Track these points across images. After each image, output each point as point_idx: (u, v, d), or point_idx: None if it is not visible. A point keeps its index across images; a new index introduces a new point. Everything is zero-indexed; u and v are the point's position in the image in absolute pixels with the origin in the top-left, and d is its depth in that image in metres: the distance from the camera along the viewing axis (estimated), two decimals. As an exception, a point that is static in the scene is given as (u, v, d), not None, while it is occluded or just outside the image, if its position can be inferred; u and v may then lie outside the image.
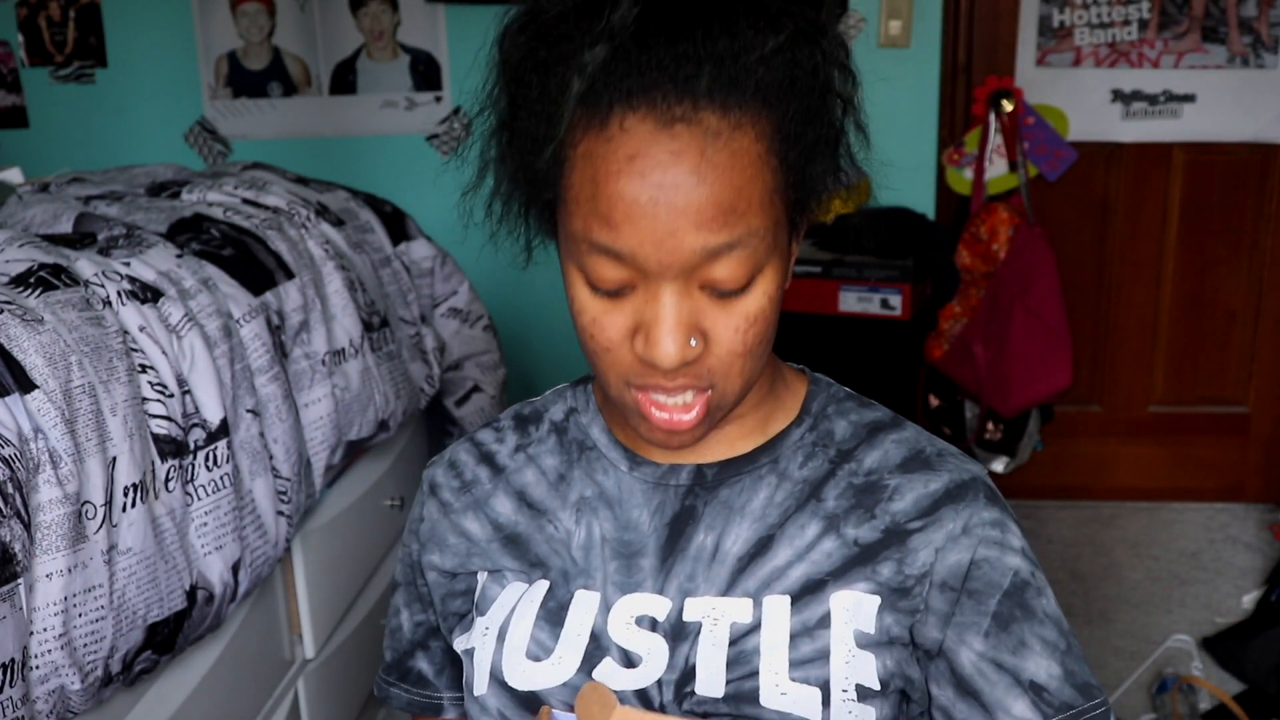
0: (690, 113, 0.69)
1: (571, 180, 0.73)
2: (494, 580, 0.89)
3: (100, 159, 2.89)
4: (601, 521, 0.87)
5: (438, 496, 0.94)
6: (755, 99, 0.71)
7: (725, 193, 0.70)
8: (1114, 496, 3.06)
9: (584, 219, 0.72)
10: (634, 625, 0.83)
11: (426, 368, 2.07)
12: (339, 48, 2.94)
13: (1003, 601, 0.82)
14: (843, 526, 0.83)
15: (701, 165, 0.69)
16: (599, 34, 0.70)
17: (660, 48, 0.69)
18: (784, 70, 0.72)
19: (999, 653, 0.82)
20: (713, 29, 0.70)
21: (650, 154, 0.69)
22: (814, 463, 0.86)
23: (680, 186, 0.69)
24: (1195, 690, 2.29)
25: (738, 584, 0.83)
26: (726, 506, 0.85)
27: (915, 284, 2.52)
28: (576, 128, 0.71)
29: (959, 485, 0.84)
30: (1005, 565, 0.82)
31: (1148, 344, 3.00)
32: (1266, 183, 2.87)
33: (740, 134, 0.70)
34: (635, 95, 0.69)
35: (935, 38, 2.77)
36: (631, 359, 0.76)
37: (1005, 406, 2.71)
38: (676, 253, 0.71)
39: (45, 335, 1.20)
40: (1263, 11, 2.72)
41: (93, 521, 1.20)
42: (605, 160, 0.70)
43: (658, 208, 0.69)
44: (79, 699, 1.20)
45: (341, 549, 1.85)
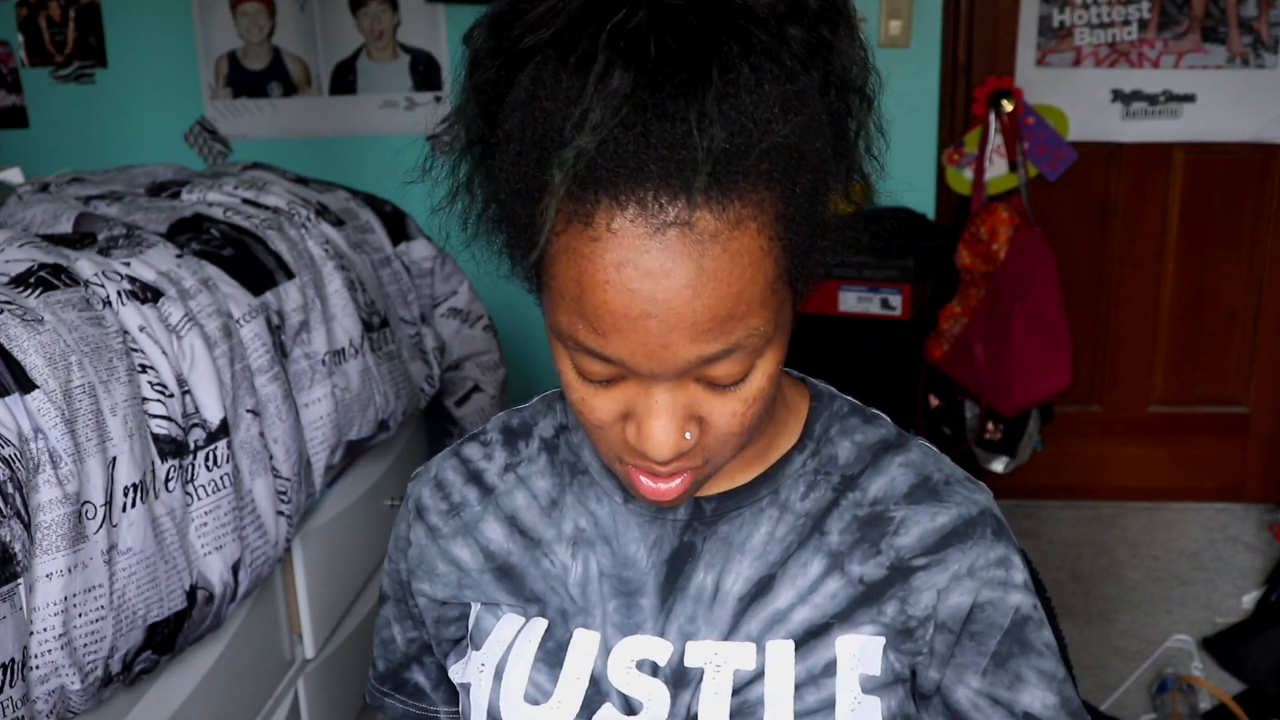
0: (684, 214, 0.61)
1: (555, 272, 0.66)
2: (488, 612, 0.86)
3: (100, 159, 2.90)
4: (599, 556, 0.83)
5: (425, 520, 0.89)
6: (758, 187, 0.63)
7: (723, 303, 0.63)
8: (1114, 496, 3.07)
9: (569, 318, 0.66)
10: (634, 669, 0.81)
11: (426, 368, 2.07)
12: (339, 48, 2.94)
13: (1003, 641, 0.80)
14: (847, 564, 0.80)
15: (697, 276, 0.62)
16: (583, 117, 0.61)
17: (654, 134, 0.61)
18: (792, 146, 0.64)
19: (995, 689, 0.81)
20: (710, 110, 0.61)
21: (640, 263, 0.62)
22: (816, 493, 0.82)
23: (673, 301, 0.62)
24: (1195, 690, 2.29)
25: (740, 627, 0.80)
26: (726, 543, 0.81)
27: (915, 284, 2.53)
28: (559, 216, 0.64)
29: (966, 522, 0.81)
30: (1007, 605, 0.80)
31: (1148, 344, 3.01)
32: (1266, 183, 2.87)
33: (740, 231, 0.63)
34: (623, 191, 0.61)
35: (935, 38, 2.77)
36: (623, 440, 0.71)
37: (1005, 406, 2.71)
38: (670, 362, 0.65)
39: (45, 335, 1.20)
40: (1263, 11, 2.72)
41: (93, 521, 1.20)
42: (591, 263, 0.63)
43: (649, 321, 0.63)
44: (79, 699, 1.20)
45: (341, 549, 1.85)
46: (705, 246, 0.62)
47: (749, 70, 0.62)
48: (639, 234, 0.62)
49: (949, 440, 2.82)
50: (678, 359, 0.65)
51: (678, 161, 0.61)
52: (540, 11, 0.64)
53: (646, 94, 0.61)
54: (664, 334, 0.64)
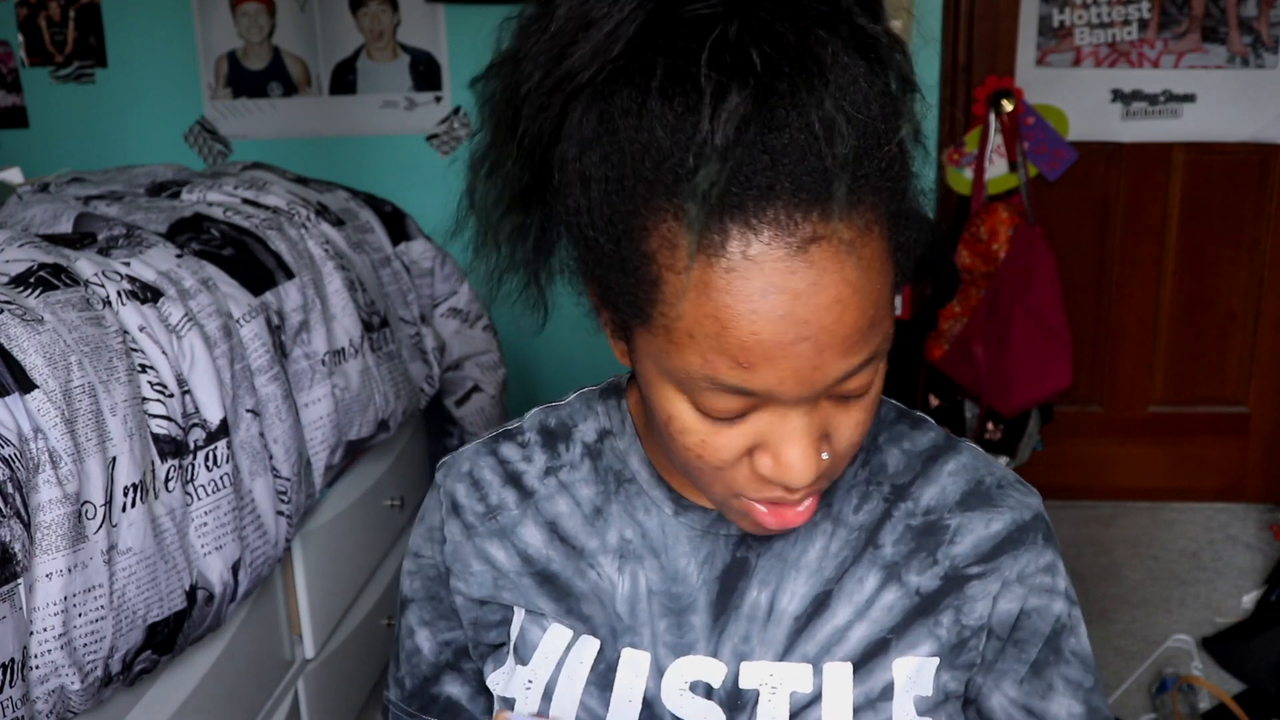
0: (822, 228, 0.58)
1: (681, 310, 0.61)
2: (533, 622, 0.82)
3: (100, 159, 2.90)
4: (647, 571, 0.79)
5: (460, 517, 0.84)
6: (880, 188, 0.61)
7: (866, 311, 0.61)
8: (1114, 496, 3.07)
9: (703, 358, 0.61)
10: (688, 692, 0.78)
11: (426, 368, 2.07)
12: (339, 48, 2.94)
13: (1043, 649, 0.80)
14: (904, 574, 0.78)
15: (844, 290, 0.59)
16: (704, 141, 0.57)
17: (778, 149, 0.57)
18: (902, 139, 0.62)
19: (1030, 698, 0.80)
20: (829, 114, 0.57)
21: (787, 286, 0.58)
22: (869, 505, 0.80)
23: (824, 320, 0.59)
24: (1195, 690, 2.29)
25: (795, 647, 0.77)
26: (780, 559, 0.78)
27: (915, 284, 2.52)
28: (677, 248, 0.60)
29: (1020, 528, 0.79)
30: (1051, 612, 0.80)
31: (1148, 344, 3.01)
32: (1266, 183, 2.87)
33: (869, 236, 0.60)
34: (753, 214, 0.58)
35: (935, 38, 2.77)
36: (748, 475, 0.67)
37: (1005, 406, 2.71)
38: (820, 384, 0.62)
39: (45, 335, 1.20)
40: (1263, 11, 2.72)
41: (93, 521, 1.20)
42: (730, 296, 0.59)
43: (803, 345, 0.60)
44: (79, 699, 1.20)
45: (341, 549, 1.85)
46: (845, 257, 0.59)
47: (846, 69, 0.60)
48: (779, 256, 0.58)
49: (949, 440, 2.82)
50: (827, 378, 0.62)
51: (809, 173, 0.58)
52: (596, 40, 0.61)
53: (764, 109, 0.58)
54: (817, 355, 0.61)
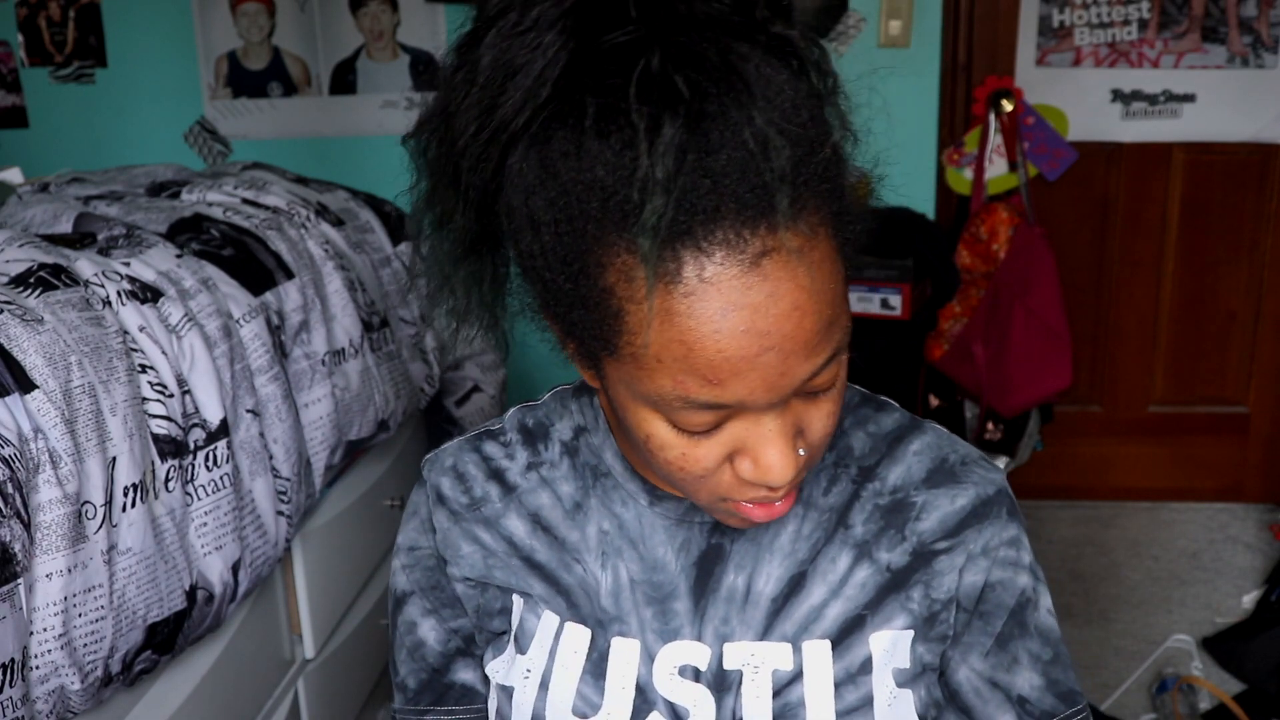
0: (771, 240, 0.60)
1: (647, 339, 0.62)
2: (531, 611, 0.84)
3: (100, 159, 2.90)
4: (627, 563, 0.82)
5: (446, 506, 0.87)
6: (820, 189, 0.62)
7: (823, 313, 0.63)
8: (1114, 496, 3.07)
9: (674, 379, 0.63)
10: (677, 676, 0.80)
11: (426, 368, 2.07)
12: (339, 48, 2.94)
13: (1007, 622, 0.82)
14: (875, 551, 0.81)
15: (799, 295, 0.61)
16: (647, 172, 0.58)
17: (718, 171, 0.59)
18: (834, 140, 0.64)
19: (995, 672, 0.82)
20: (761, 129, 0.59)
21: (745, 302, 0.60)
22: (838, 487, 0.82)
23: (786, 328, 0.61)
24: (1195, 690, 2.29)
25: (774, 627, 0.80)
26: (754, 543, 0.81)
27: (915, 284, 2.52)
28: (634, 280, 0.61)
29: (984, 502, 0.81)
30: (1015, 585, 0.82)
31: (1148, 344, 3.01)
32: (1266, 183, 2.87)
33: (817, 239, 0.62)
34: (703, 237, 0.59)
35: (935, 38, 2.77)
36: (731, 480, 0.69)
37: (1005, 406, 2.71)
38: (788, 388, 0.64)
39: (45, 335, 1.20)
40: (1263, 11, 2.72)
41: (93, 521, 1.20)
42: (693, 319, 0.60)
43: (769, 355, 0.61)
44: (79, 699, 1.20)
45: (341, 549, 1.85)
46: (796, 265, 0.61)
47: (770, 80, 0.61)
48: (733, 274, 0.60)
49: (949, 440, 2.82)
50: (795, 381, 0.64)
51: (750, 190, 0.59)
52: (524, 86, 0.62)
53: (696, 134, 0.59)
54: (782, 362, 0.62)
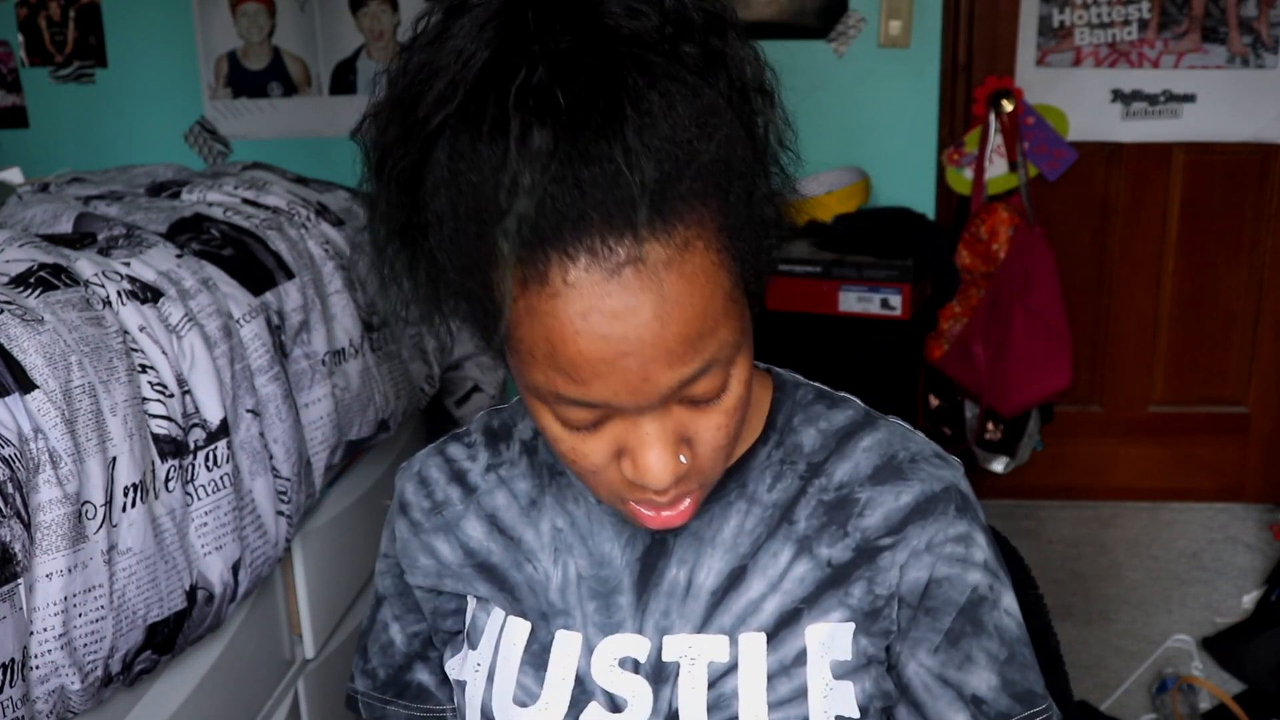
0: (634, 251, 0.62)
1: (521, 334, 0.66)
2: (481, 608, 0.88)
3: (100, 159, 2.89)
4: (576, 559, 0.85)
5: (408, 515, 0.92)
6: (695, 204, 0.64)
7: (690, 324, 0.64)
8: (1114, 496, 3.07)
9: (545, 375, 0.67)
10: (617, 668, 0.83)
11: (426, 368, 2.07)
12: (339, 48, 2.94)
13: (957, 619, 0.81)
14: (815, 547, 0.82)
15: (660, 306, 0.63)
16: (514, 182, 0.61)
17: (586, 182, 0.61)
18: (716, 157, 0.64)
19: (945, 669, 0.81)
20: (632, 143, 0.61)
21: (604, 308, 0.63)
22: (783, 483, 0.84)
23: (644, 335, 0.63)
24: (1195, 690, 2.29)
25: (713, 620, 0.82)
26: (697, 538, 0.83)
27: (915, 284, 2.52)
28: (514, 279, 0.64)
29: (929, 499, 0.81)
30: (965, 582, 0.81)
31: (1148, 344, 3.01)
32: (1266, 183, 2.87)
33: (690, 253, 0.64)
34: (570, 244, 0.62)
35: (935, 38, 2.77)
36: (620, 478, 0.72)
37: (1005, 406, 2.71)
38: (653, 394, 0.66)
39: (45, 335, 1.20)
40: (1263, 11, 2.72)
41: (93, 521, 1.20)
42: (556, 320, 0.64)
43: (626, 360, 0.64)
44: (79, 699, 1.20)
45: (341, 549, 1.85)
46: (661, 276, 0.63)
47: (658, 97, 0.63)
48: (596, 280, 0.62)
49: (949, 440, 2.82)
50: (659, 388, 0.66)
51: (616, 201, 0.61)
52: (439, 89, 0.64)
53: (569, 145, 0.61)
54: (642, 368, 0.65)
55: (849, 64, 2.80)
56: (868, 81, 2.81)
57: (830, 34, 2.79)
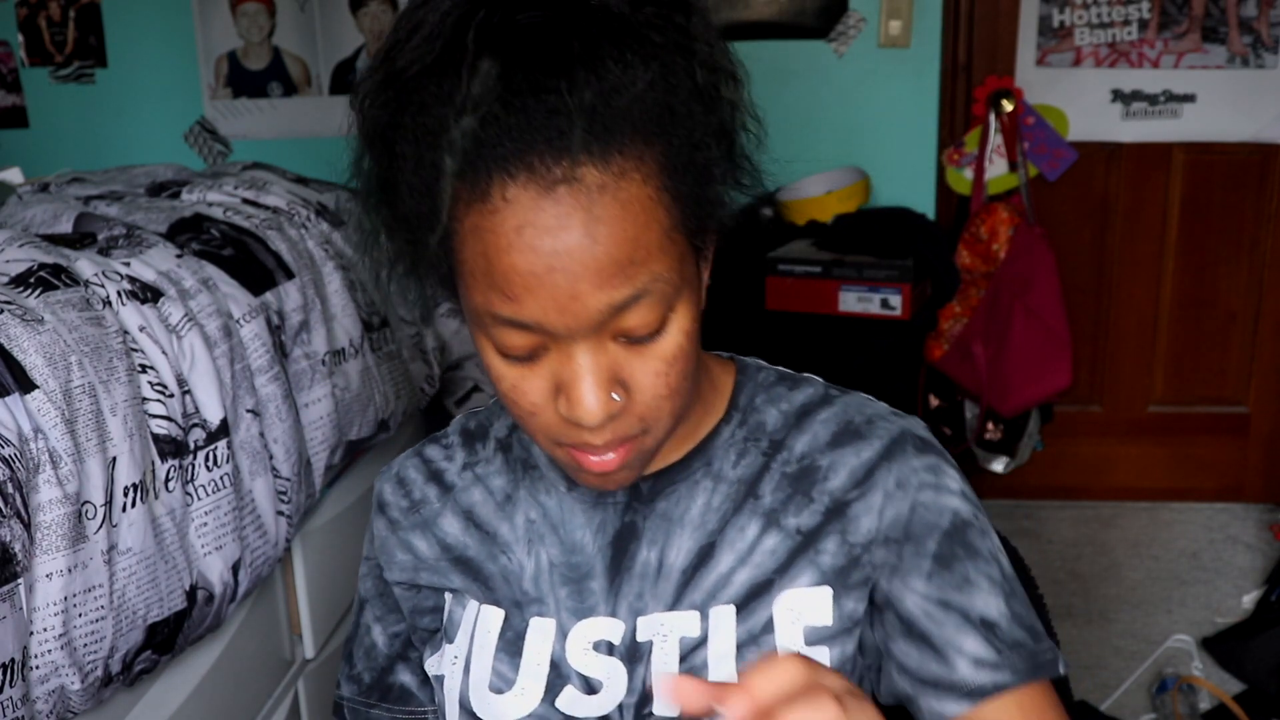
0: (570, 172, 0.66)
1: (464, 255, 0.70)
2: (457, 602, 0.89)
3: (100, 159, 2.89)
4: (548, 548, 0.87)
5: (386, 514, 0.94)
6: (635, 140, 0.67)
7: (621, 247, 0.67)
8: (1114, 496, 3.06)
9: (483, 293, 0.70)
10: (591, 650, 0.84)
11: (426, 368, 2.07)
12: (339, 48, 2.94)
13: (943, 541, 0.80)
14: (783, 519, 0.83)
15: (591, 225, 0.66)
16: (463, 103, 0.65)
17: (529, 108, 0.65)
18: (660, 101, 0.68)
19: (944, 592, 0.80)
20: (577, 76, 0.65)
21: (537, 222, 0.66)
22: (747, 459, 0.85)
23: (573, 251, 0.66)
24: (1195, 690, 2.29)
25: (684, 597, 0.83)
26: (666, 519, 0.85)
27: (915, 284, 2.52)
28: (459, 202, 0.68)
29: (888, 445, 0.83)
30: (942, 506, 0.81)
31: (1148, 344, 3.01)
32: (1266, 183, 2.87)
33: (626, 181, 0.67)
34: (512, 162, 0.66)
35: (935, 38, 2.77)
36: (557, 419, 0.74)
37: (1005, 406, 2.71)
38: (582, 315, 0.68)
39: (45, 335, 1.20)
40: (1263, 11, 2.72)
41: (93, 521, 1.20)
42: (493, 234, 0.67)
43: (555, 275, 0.67)
44: (79, 699, 1.20)
45: (341, 549, 1.85)
46: (594, 197, 0.66)
47: (609, 44, 0.67)
48: (531, 196, 0.66)
49: (949, 440, 2.82)
50: (588, 309, 0.68)
51: (556, 126, 0.65)
52: (417, 41, 0.69)
53: (518, 74, 0.65)
54: (571, 285, 0.67)
55: (849, 64, 2.80)
56: (868, 81, 2.81)
57: (830, 34, 2.79)
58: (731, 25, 2.77)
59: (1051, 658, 0.80)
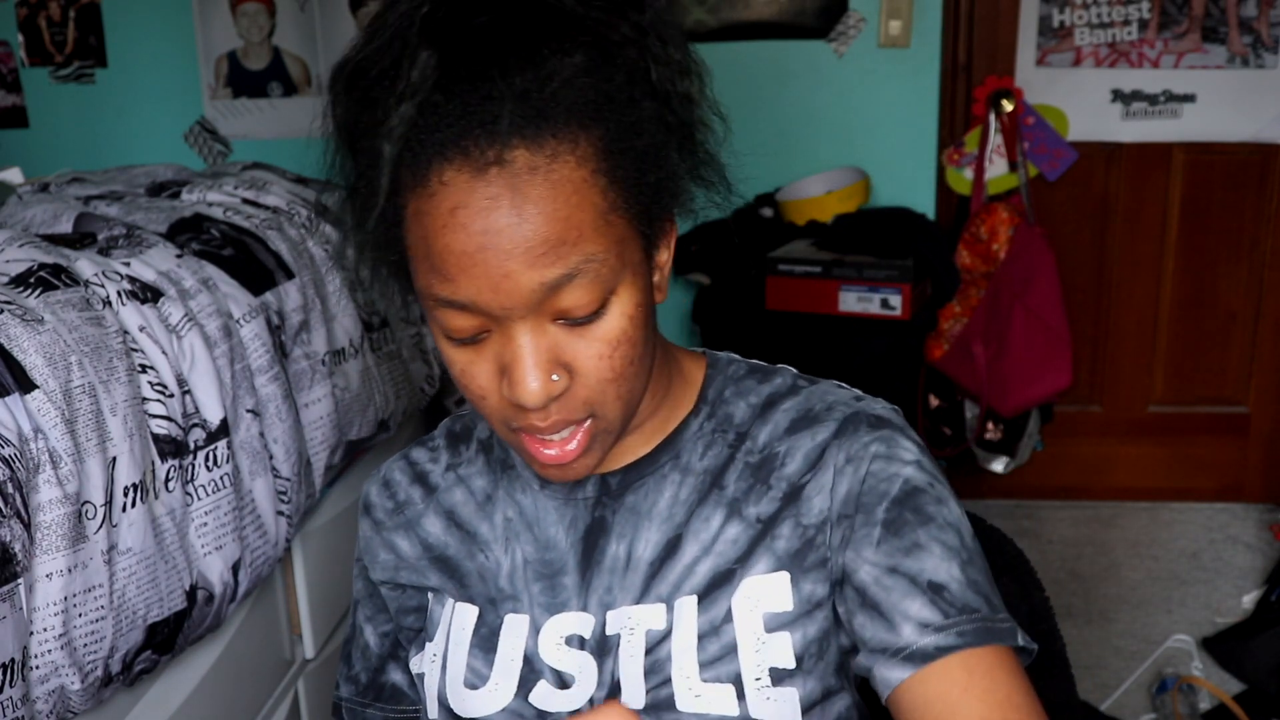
0: (501, 154, 0.68)
1: (410, 240, 0.72)
2: (437, 601, 0.91)
3: (100, 159, 2.90)
4: (523, 545, 0.88)
5: (371, 515, 0.96)
6: (568, 125, 0.69)
7: (550, 226, 0.69)
8: (1114, 496, 3.06)
9: (424, 276, 0.72)
10: (564, 645, 0.85)
11: (426, 368, 2.07)
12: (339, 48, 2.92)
13: (891, 508, 0.79)
14: (744, 508, 0.83)
15: (519, 204, 0.68)
16: (402, 93, 0.68)
17: (464, 95, 0.68)
18: (596, 87, 0.70)
19: (893, 558, 0.78)
20: (510, 65, 0.68)
21: (470, 203, 0.68)
22: (714, 450, 0.86)
23: (503, 230, 0.68)
24: (1195, 690, 2.29)
25: (651, 589, 0.84)
26: (634, 512, 0.86)
27: (915, 284, 2.53)
28: (404, 188, 0.71)
29: (840, 425, 0.83)
30: (892, 474, 0.81)
31: (1148, 344, 3.01)
32: (1266, 183, 2.87)
33: (558, 163, 0.69)
34: (448, 147, 0.68)
35: (935, 38, 2.77)
36: (504, 402, 0.75)
37: (1005, 406, 2.71)
38: (515, 293, 0.70)
39: (45, 335, 1.20)
40: (1263, 11, 2.72)
41: (93, 521, 1.20)
42: (431, 217, 0.70)
43: (486, 254, 0.69)
44: (79, 699, 1.20)
45: (341, 549, 1.85)
46: (524, 178, 0.68)
47: (550, 37, 0.69)
48: (465, 179, 0.68)
49: (949, 440, 2.82)
50: (520, 288, 0.70)
51: (490, 111, 0.68)
52: (376, 45, 0.71)
53: (456, 65, 0.68)
54: (501, 263, 0.69)
55: (849, 64, 2.80)
56: (868, 81, 2.81)
57: (830, 34, 2.79)
58: (731, 25, 2.77)
59: (1007, 626, 0.77)
